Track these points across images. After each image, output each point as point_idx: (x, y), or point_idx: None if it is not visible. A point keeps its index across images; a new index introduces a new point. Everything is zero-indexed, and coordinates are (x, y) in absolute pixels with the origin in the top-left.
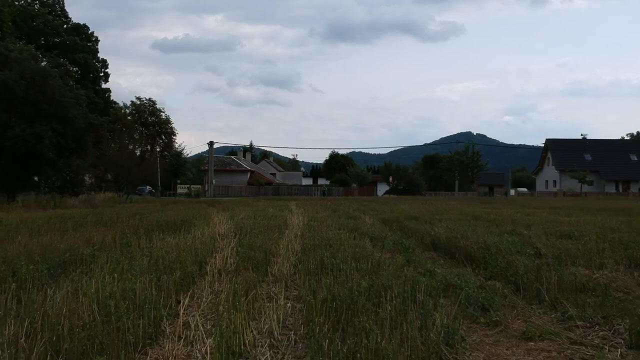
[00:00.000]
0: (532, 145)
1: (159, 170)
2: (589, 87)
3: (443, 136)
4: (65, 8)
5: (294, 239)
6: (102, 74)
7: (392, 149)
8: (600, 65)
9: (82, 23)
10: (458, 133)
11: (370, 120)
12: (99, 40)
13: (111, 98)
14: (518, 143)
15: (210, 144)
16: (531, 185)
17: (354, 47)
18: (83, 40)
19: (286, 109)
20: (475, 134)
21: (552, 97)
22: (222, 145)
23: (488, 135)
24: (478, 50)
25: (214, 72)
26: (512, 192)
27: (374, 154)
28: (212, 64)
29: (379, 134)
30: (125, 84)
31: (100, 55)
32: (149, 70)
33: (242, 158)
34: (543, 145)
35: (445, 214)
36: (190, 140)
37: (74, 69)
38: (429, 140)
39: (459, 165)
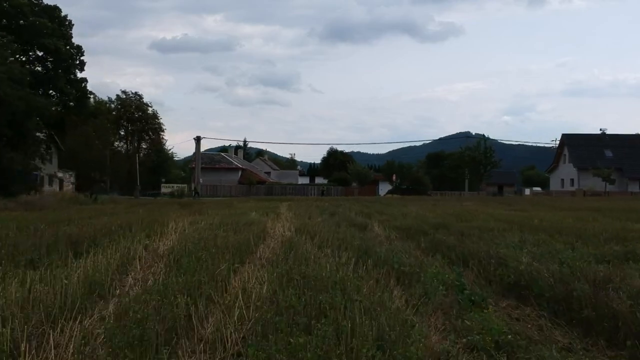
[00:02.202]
0: (532, 145)
1: (137, 168)
2: (588, 87)
3: (442, 136)
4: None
5: (259, 272)
6: (77, 62)
7: (391, 149)
8: (599, 65)
9: (52, 5)
10: (457, 133)
11: (370, 120)
12: (73, 25)
13: (88, 88)
14: (517, 143)
15: (197, 139)
16: (543, 184)
17: (353, 47)
18: (54, 24)
19: (286, 109)
20: (474, 133)
21: (552, 97)
22: (218, 144)
23: (487, 135)
24: (478, 50)
25: (214, 72)
26: (527, 191)
27: (373, 154)
28: (212, 64)
29: (379, 134)
30: (124, 84)
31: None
32: (149, 71)
33: (234, 155)
34: (553, 142)
35: (475, 220)
36: (189, 140)
37: (46, 56)
38: (428, 140)
39: (470, 162)
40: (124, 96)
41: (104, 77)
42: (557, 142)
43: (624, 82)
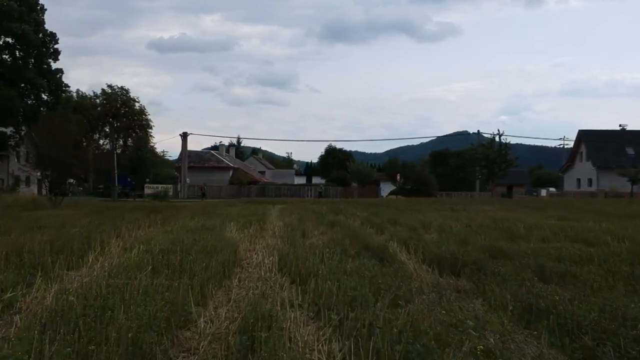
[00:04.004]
0: (532, 145)
1: (115, 166)
2: (588, 87)
3: (440, 135)
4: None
5: None
6: (51, 51)
7: (389, 148)
8: (597, 65)
9: None
10: (455, 132)
11: (368, 120)
12: (45, 10)
13: (63, 80)
14: (514, 142)
15: (184, 135)
16: (554, 184)
17: (352, 48)
18: (22, 6)
19: (284, 108)
20: (471, 133)
21: (550, 97)
22: (211, 142)
23: (485, 135)
24: (476, 50)
25: (212, 72)
26: (543, 192)
27: (371, 153)
28: (210, 64)
29: (377, 133)
30: (122, 83)
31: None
32: (147, 70)
33: (225, 154)
34: (560, 139)
35: (529, 236)
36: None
37: (14, 42)
38: (426, 140)
39: (483, 160)
40: (110, 90)
41: (102, 77)
42: (565, 140)
43: (622, 82)
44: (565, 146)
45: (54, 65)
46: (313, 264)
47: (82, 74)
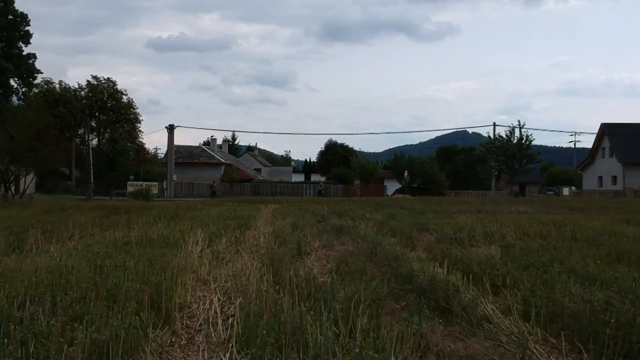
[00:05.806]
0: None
1: (91, 163)
2: (586, 87)
3: (438, 135)
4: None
5: None
6: (22, 33)
7: (387, 148)
8: (595, 65)
9: None
10: (453, 131)
11: (366, 120)
12: None
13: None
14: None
15: (170, 128)
16: (570, 182)
17: (350, 47)
18: None
19: (282, 108)
20: (470, 132)
21: (547, 97)
22: (203, 138)
23: (484, 134)
24: (475, 50)
25: (210, 71)
26: (566, 191)
27: (370, 152)
28: (208, 63)
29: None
30: (121, 82)
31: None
32: (145, 69)
33: (217, 149)
34: (571, 135)
35: None
36: (186, 140)
37: None
38: (424, 139)
39: (502, 155)
40: (95, 82)
41: (100, 76)
42: (576, 137)
43: (620, 82)
44: (577, 143)
45: (25, 50)
46: (316, 340)
47: (80, 73)
